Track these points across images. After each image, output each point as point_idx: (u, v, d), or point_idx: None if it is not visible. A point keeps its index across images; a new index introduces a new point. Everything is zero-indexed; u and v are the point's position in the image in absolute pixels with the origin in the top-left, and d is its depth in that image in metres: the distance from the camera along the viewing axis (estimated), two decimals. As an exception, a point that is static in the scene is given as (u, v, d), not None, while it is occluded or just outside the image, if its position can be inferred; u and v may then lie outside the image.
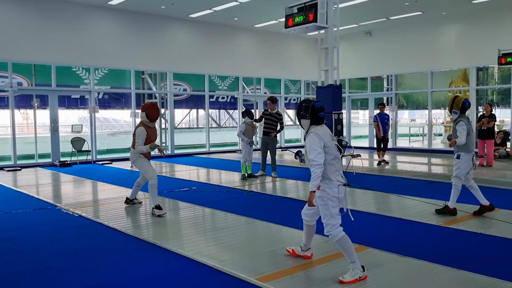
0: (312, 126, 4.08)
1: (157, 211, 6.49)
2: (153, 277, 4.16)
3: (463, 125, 6.13)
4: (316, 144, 3.95)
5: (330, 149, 4.01)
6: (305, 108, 4.09)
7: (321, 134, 4.00)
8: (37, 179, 10.79)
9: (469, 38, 15.51)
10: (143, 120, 6.65)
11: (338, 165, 4.06)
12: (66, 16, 13.41)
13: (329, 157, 3.99)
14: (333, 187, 3.99)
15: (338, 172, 4.05)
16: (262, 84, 18.58)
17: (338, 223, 4.00)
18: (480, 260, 4.51)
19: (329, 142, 4.02)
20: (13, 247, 5.16)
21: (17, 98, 13.08)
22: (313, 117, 4.07)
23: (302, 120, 4.13)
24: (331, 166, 4.00)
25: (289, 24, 10.23)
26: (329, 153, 4.00)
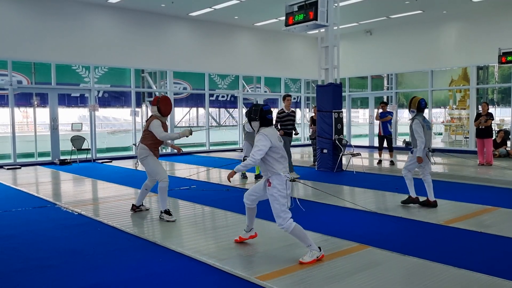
0: (262, 128, 4.49)
1: (167, 217, 6.07)
2: (153, 275, 4.15)
3: (418, 123, 6.63)
4: (261, 142, 4.37)
5: (278, 148, 4.43)
6: (255, 111, 4.52)
7: (269, 135, 4.40)
8: (36, 178, 10.79)
9: (469, 37, 15.50)
10: (155, 114, 6.18)
11: (285, 163, 4.48)
12: (66, 14, 13.40)
13: (277, 155, 4.42)
14: (282, 182, 4.37)
15: (285, 169, 4.47)
16: (262, 83, 18.56)
17: (288, 216, 4.37)
18: (480, 259, 4.50)
19: (276, 143, 4.43)
20: (13, 245, 5.15)
21: (17, 96, 13.07)
22: (261, 119, 4.49)
23: (252, 122, 4.54)
24: (278, 163, 4.42)
25: (289, 23, 10.21)
26: (276, 152, 4.42)
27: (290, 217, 4.38)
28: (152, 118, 6.18)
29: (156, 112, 6.13)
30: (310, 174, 10.65)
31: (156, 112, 6.13)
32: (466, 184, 8.95)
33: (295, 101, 20.17)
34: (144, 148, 6.16)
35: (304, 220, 6.17)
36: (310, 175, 10.37)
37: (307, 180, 9.68)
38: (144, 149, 6.16)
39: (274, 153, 4.41)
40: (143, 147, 6.16)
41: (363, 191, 8.29)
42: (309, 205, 7.18)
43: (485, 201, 7.07)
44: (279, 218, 4.38)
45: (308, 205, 7.19)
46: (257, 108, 4.54)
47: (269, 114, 4.55)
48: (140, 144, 6.24)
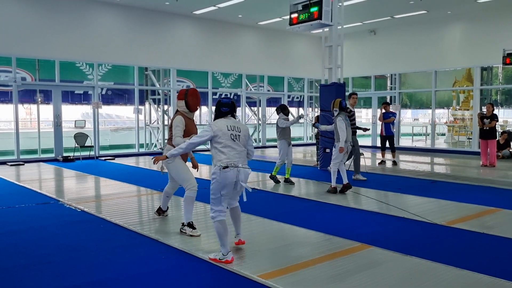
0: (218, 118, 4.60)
1: (189, 230, 5.30)
2: (155, 272, 4.16)
3: (341, 120, 7.85)
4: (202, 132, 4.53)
5: (220, 138, 4.43)
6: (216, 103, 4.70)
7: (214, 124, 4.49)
8: (40, 174, 10.82)
9: (473, 37, 15.46)
10: (181, 110, 5.46)
11: (229, 154, 4.41)
12: (70, 11, 13.42)
13: (219, 145, 4.43)
14: (215, 172, 4.40)
15: (227, 160, 4.39)
16: (265, 82, 18.56)
17: (216, 209, 4.43)
18: (482, 260, 4.50)
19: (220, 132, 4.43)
20: (16, 241, 5.17)
21: (20, 93, 13.10)
22: (216, 111, 4.62)
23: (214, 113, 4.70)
24: (220, 153, 4.43)
25: (294, 22, 10.20)
26: (219, 142, 4.43)
27: (218, 211, 4.41)
28: (176, 115, 5.48)
29: (184, 108, 5.44)
30: (313, 173, 10.65)
31: (184, 108, 5.44)
32: (469, 185, 8.94)
33: (298, 100, 20.16)
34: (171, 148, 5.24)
35: (306, 219, 6.19)
36: (312, 175, 10.37)
37: (308, 180, 9.68)
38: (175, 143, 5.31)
39: (216, 143, 4.46)
40: (170, 148, 5.36)
41: (366, 191, 8.29)
42: (311, 204, 7.20)
43: (487, 202, 7.05)
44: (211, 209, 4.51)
45: (310, 204, 7.20)
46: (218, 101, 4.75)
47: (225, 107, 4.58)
48: (166, 145, 5.62)
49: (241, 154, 4.49)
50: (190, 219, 5.39)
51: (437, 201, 7.27)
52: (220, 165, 4.34)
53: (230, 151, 4.43)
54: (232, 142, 4.45)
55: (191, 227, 5.34)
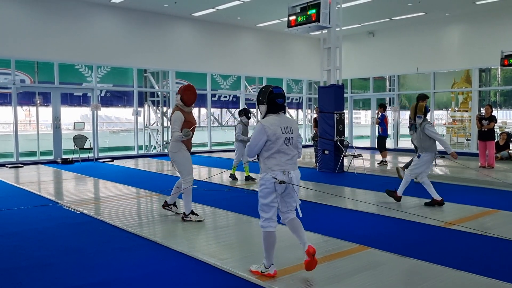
0: (269, 114, 3.97)
1: (194, 217, 5.99)
2: (154, 274, 4.17)
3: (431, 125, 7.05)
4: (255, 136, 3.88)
5: (273, 143, 3.86)
6: (263, 93, 3.99)
7: (268, 125, 3.86)
8: (39, 176, 10.82)
9: (472, 39, 15.50)
10: (178, 104, 5.87)
11: (280, 159, 3.90)
12: (69, 13, 13.44)
13: (271, 151, 3.89)
14: (266, 181, 3.92)
15: (278, 166, 3.89)
16: (264, 83, 18.58)
17: (266, 217, 4.03)
18: (480, 261, 4.51)
19: (274, 136, 3.85)
20: (15, 243, 5.17)
21: (19, 95, 13.11)
22: (269, 103, 3.94)
23: (260, 106, 4.01)
24: (271, 159, 3.91)
25: (292, 24, 10.24)
26: (271, 147, 3.88)
27: (269, 219, 4.02)
28: (174, 109, 5.89)
29: (180, 102, 5.83)
30: (311, 175, 10.66)
31: (180, 102, 5.83)
32: (468, 187, 8.95)
33: (297, 101, 20.18)
34: (173, 141, 5.87)
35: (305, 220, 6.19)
36: (311, 176, 10.38)
37: (307, 181, 9.69)
38: (174, 142, 5.86)
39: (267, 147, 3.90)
40: (173, 140, 5.87)
41: (364, 192, 8.30)
42: (310, 206, 7.20)
43: (486, 204, 7.07)
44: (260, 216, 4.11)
45: (309, 206, 7.21)
46: (266, 90, 4.00)
47: (280, 98, 3.97)
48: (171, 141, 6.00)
49: (293, 159, 3.99)
50: (190, 208, 6.01)
51: (436, 202, 7.28)
52: (274, 178, 3.86)
53: (282, 157, 3.91)
54: (285, 148, 3.90)
55: (195, 214, 6.01)
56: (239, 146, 9.58)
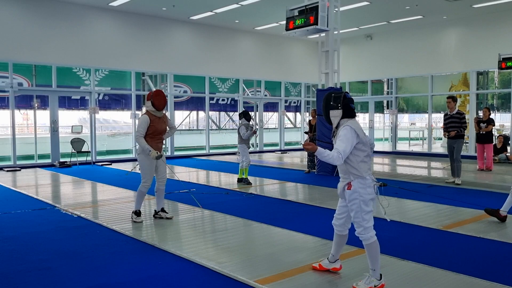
0: (345, 119, 3.82)
1: (134, 217, 6.20)
2: (152, 278, 4.15)
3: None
4: (348, 138, 3.68)
5: (364, 145, 3.79)
6: (335, 98, 3.82)
7: (356, 129, 3.75)
8: (36, 180, 10.78)
9: (469, 42, 15.55)
10: (149, 109, 6.05)
11: (369, 163, 3.84)
12: (67, 17, 13.43)
13: (363, 154, 3.77)
14: (366, 186, 3.76)
15: (369, 170, 3.84)
16: (262, 87, 18.59)
17: (370, 225, 3.82)
18: (479, 264, 4.50)
19: (364, 138, 3.79)
20: (12, 247, 5.15)
21: (17, 99, 13.08)
22: (345, 107, 3.81)
23: (332, 112, 3.83)
24: (363, 164, 3.78)
25: (290, 27, 10.23)
26: (363, 150, 3.78)
27: (372, 228, 3.83)
28: (143, 113, 6.17)
29: (151, 107, 6.02)
30: (309, 178, 10.65)
31: (151, 107, 6.02)
32: (466, 189, 8.95)
33: (295, 105, 20.19)
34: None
35: (303, 224, 6.19)
36: (309, 179, 10.38)
37: (305, 184, 9.69)
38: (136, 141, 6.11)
39: (359, 151, 3.76)
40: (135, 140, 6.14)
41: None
42: (308, 209, 7.19)
43: (484, 207, 7.05)
44: (359, 227, 3.82)
45: (307, 209, 7.20)
46: (338, 94, 3.84)
47: (352, 103, 3.86)
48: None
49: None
50: (139, 208, 6.24)
51: (434, 205, 7.28)
52: (374, 182, 3.80)
53: (369, 160, 3.85)
54: (370, 150, 3.87)
55: (136, 214, 6.22)
56: (244, 148, 9.50)
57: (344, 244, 4.20)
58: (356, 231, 3.87)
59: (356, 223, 3.84)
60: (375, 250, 3.79)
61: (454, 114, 9.49)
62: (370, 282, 3.77)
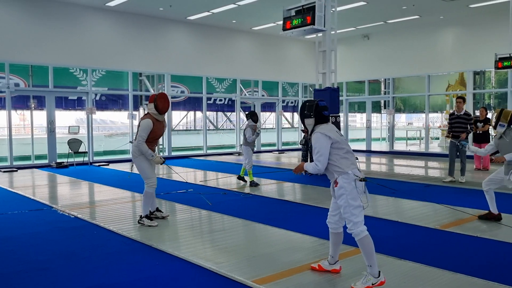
0: (317, 126, 4.00)
1: (147, 221, 5.94)
2: (149, 279, 4.14)
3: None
4: (320, 144, 3.87)
5: (340, 143, 3.92)
6: (309, 107, 4.02)
7: (327, 131, 3.91)
8: (33, 180, 10.76)
9: (466, 42, 15.59)
10: (151, 112, 5.89)
11: (352, 159, 3.95)
12: (64, 17, 13.40)
13: (341, 152, 3.91)
14: (351, 180, 3.87)
15: (353, 165, 3.93)
16: (259, 87, 18.59)
17: (360, 220, 3.88)
18: (476, 263, 4.51)
19: (337, 137, 3.93)
20: (9, 248, 5.13)
21: (14, 99, 13.04)
22: (317, 115, 4.00)
23: (306, 120, 4.04)
24: (345, 159, 3.90)
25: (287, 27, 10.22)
26: (340, 147, 3.91)
27: (362, 223, 3.90)
28: (145, 116, 5.93)
29: (153, 109, 5.86)
30: (307, 178, 10.66)
31: (153, 109, 5.86)
32: (463, 189, 8.97)
33: (292, 105, 20.20)
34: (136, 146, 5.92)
35: (301, 224, 6.19)
36: (307, 179, 10.38)
37: (302, 184, 9.69)
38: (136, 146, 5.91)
39: (337, 149, 3.90)
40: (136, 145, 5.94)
41: (360, 195, 8.28)
42: (306, 209, 7.19)
43: (481, 206, 7.07)
44: (349, 223, 3.89)
45: (305, 209, 7.20)
46: (311, 103, 4.05)
47: (325, 110, 4.05)
48: (134, 141, 6.01)
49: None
50: (147, 212, 6.02)
51: (432, 205, 7.29)
52: (356, 177, 3.88)
53: (351, 156, 3.97)
54: (349, 147, 4.02)
55: (149, 219, 5.98)
56: (248, 150, 9.40)
57: (341, 243, 4.23)
58: (347, 228, 3.95)
59: (346, 219, 3.93)
60: (368, 245, 3.83)
61: (461, 114, 9.58)
62: (367, 281, 3.78)
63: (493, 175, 6.23)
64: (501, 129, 6.11)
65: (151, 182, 5.99)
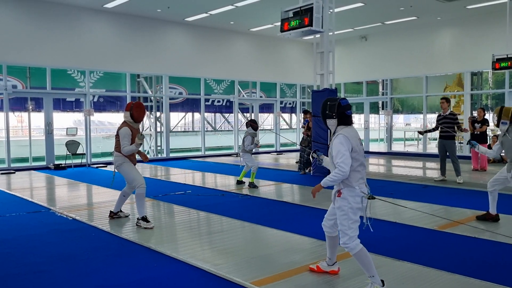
0: (340, 127, 3.79)
1: (144, 223, 5.99)
2: (148, 281, 4.14)
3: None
4: (343, 147, 3.65)
5: (358, 154, 3.74)
6: (330, 106, 3.78)
7: (350, 137, 3.71)
8: (31, 182, 10.73)
9: (463, 43, 15.62)
10: (127, 120, 6.10)
11: (363, 173, 3.79)
12: (61, 18, 13.39)
13: (355, 163, 3.72)
14: (355, 196, 3.73)
15: (362, 180, 3.78)
16: (257, 88, 18.60)
17: (356, 234, 3.78)
18: (474, 264, 4.52)
19: (357, 147, 3.74)
20: (7, 250, 5.12)
21: (11, 101, 13.02)
22: (340, 116, 3.77)
23: (328, 120, 3.83)
24: (356, 173, 3.73)
25: (285, 28, 10.23)
26: (356, 158, 3.73)
27: (357, 236, 3.79)
28: (122, 125, 6.10)
29: (129, 118, 6.05)
30: (305, 179, 10.66)
31: (129, 118, 6.05)
32: (461, 190, 8.99)
33: (290, 106, 20.21)
34: (118, 155, 6.10)
35: (299, 225, 6.19)
36: (305, 180, 10.39)
37: (301, 185, 9.70)
38: (119, 156, 6.09)
39: (353, 160, 3.70)
40: (118, 154, 6.10)
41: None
42: (304, 210, 7.20)
43: (479, 207, 7.09)
44: (344, 236, 3.75)
45: (303, 210, 7.21)
46: (333, 102, 3.78)
47: (349, 110, 3.81)
48: (114, 152, 6.17)
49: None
50: (144, 213, 6.05)
51: (429, 205, 7.31)
52: (363, 194, 3.74)
53: (363, 169, 3.79)
54: (364, 159, 3.82)
55: (145, 221, 6.01)
56: (248, 156, 9.33)
57: (337, 245, 4.17)
58: (341, 241, 3.82)
59: (342, 232, 3.80)
60: (364, 257, 3.73)
61: (447, 115, 9.81)
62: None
63: (497, 175, 6.15)
64: (504, 127, 6.00)
65: (138, 183, 6.09)
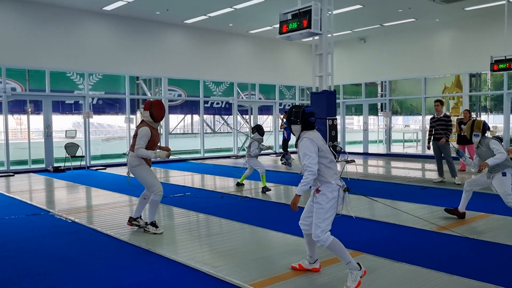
0: (304, 132, 4.06)
1: (153, 229, 5.79)
2: (147, 283, 4.14)
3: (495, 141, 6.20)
4: (309, 149, 3.91)
5: (325, 152, 4.00)
6: (295, 113, 4.07)
7: (314, 139, 3.98)
8: (30, 185, 10.73)
9: (462, 44, 15.66)
10: (147, 120, 5.73)
11: (335, 168, 4.04)
12: (60, 21, 13.40)
13: (325, 161, 3.98)
14: (333, 190, 3.96)
15: (336, 175, 4.02)
16: (256, 90, 18.61)
17: (328, 228, 3.95)
18: (473, 265, 4.53)
19: (323, 146, 4.02)
20: (6, 253, 5.12)
21: (10, 103, 13.02)
22: (304, 122, 4.05)
23: (293, 126, 4.10)
24: (328, 169, 3.98)
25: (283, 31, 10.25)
26: (325, 156, 3.99)
27: (328, 230, 3.94)
28: (142, 124, 5.74)
29: (149, 118, 5.70)
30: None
31: (149, 118, 5.70)
32: (460, 191, 8.96)
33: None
34: (134, 156, 5.70)
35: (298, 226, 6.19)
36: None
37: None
38: (135, 157, 5.70)
39: (322, 158, 3.96)
40: (134, 155, 5.70)
41: (357, 197, 8.30)
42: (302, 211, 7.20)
43: (477, 208, 7.11)
44: (317, 229, 3.91)
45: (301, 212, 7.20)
46: (298, 110, 4.08)
47: (312, 117, 4.08)
48: (130, 152, 5.83)
49: None
50: (153, 218, 5.88)
51: (428, 207, 7.32)
52: (338, 185, 3.97)
53: (334, 166, 4.04)
54: (333, 157, 4.07)
55: (154, 226, 5.85)
56: (254, 159, 9.20)
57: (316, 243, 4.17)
58: (313, 235, 3.97)
59: (315, 225, 3.96)
60: (338, 246, 3.91)
61: (442, 117, 9.95)
62: (355, 277, 3.85)
63: (477, 177, 6.49)
64: (477, 139, 6.27)
65: (156, 189, 5.75)
